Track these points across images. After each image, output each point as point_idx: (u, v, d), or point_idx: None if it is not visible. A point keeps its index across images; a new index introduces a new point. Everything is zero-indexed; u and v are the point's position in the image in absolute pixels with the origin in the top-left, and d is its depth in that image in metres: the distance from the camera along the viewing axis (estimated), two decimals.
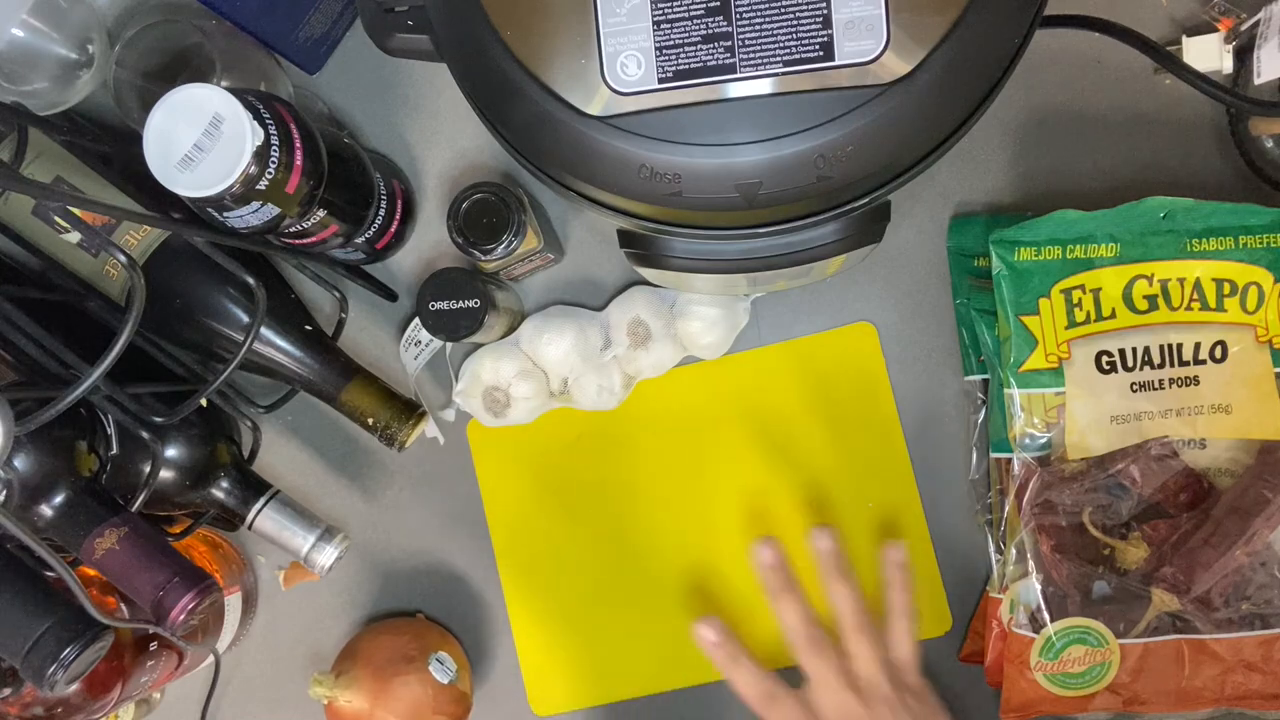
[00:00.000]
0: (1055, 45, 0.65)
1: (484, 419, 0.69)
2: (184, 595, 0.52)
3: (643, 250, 0.50)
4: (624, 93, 0.42)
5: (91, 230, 0.49)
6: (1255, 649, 0.59)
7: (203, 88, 0.48)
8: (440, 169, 0.70)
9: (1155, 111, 0.65)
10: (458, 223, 0.61)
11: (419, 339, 0.67)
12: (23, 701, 0.57)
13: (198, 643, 0.65)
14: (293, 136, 0.51)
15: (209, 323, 0.61)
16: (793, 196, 0.42)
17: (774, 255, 0.48)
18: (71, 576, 0.47)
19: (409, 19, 0.47)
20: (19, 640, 0.46)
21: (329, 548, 0.64)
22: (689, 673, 0.70)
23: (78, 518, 0.53)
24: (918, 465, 0.68)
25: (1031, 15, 0.42)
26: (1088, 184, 0.66)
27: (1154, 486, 0.60)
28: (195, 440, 0.63)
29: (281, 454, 0.72)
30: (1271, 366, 0.60)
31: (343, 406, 0.64)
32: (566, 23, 0.42)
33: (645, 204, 0.44)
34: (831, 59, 0.41)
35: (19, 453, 0.51)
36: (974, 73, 0.42)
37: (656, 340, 0.67)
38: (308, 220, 0.54)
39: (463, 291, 0.60)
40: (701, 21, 0.41)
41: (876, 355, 0.68)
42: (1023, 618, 0.61)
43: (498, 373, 0.67)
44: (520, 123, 0.44)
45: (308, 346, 0.64)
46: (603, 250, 0.69)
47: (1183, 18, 0.64)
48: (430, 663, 0.66)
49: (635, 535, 0.70)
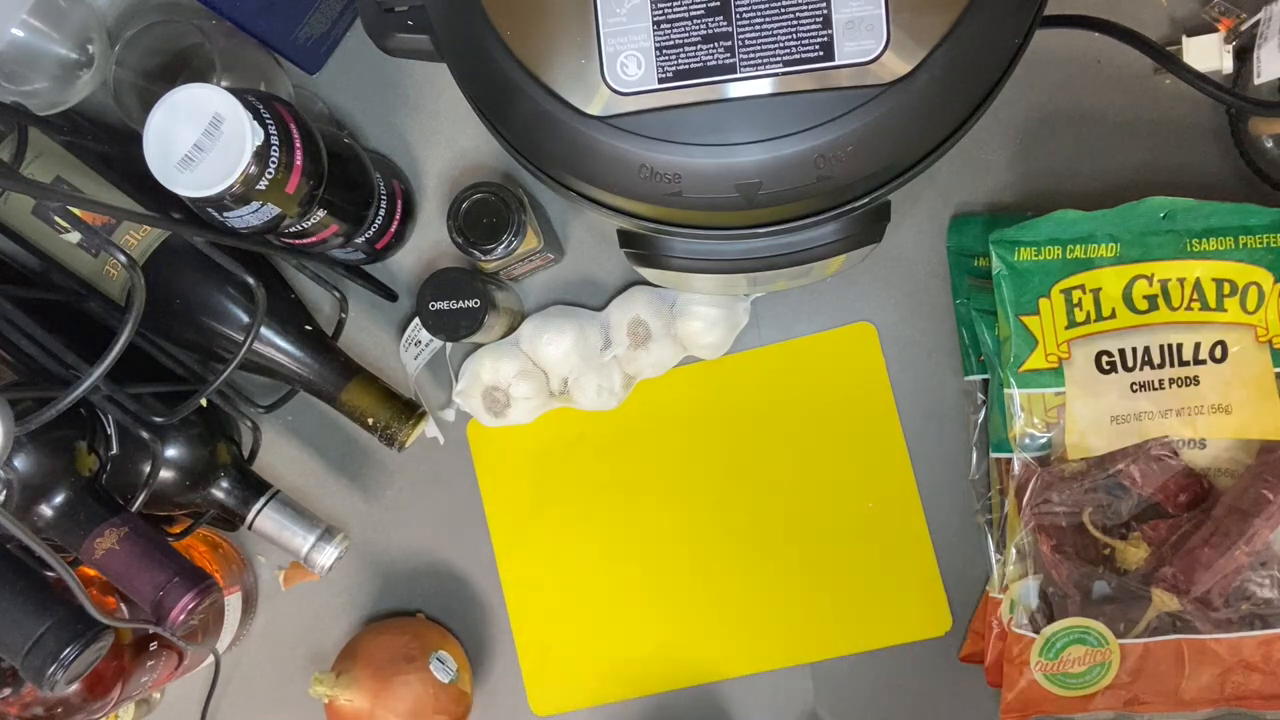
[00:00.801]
0: (1055, 45, 0.65)
1: (484, 419, 0.69)
2: (184, 595, 0.52)
3: (643, 250, 0.50)
4: (624, 93, 0.42)
5: (91, 230, 0.49)
6: (1255, 649, 0.59)
7: (203, 88, 0.48)
8: (440, 169, 0.70)
9: (1155, 111, 0.65)
10: (458, 223, 0.61)
11: (419, 339, 0.67)
12: (23, 701, 0.57)
13: (198, 643, 0.65)
14: (293, 136, 0.51)
15: (209, 323, 0.61)
16: (793, 196, 0.42)
17: (774, 255, 0.48)
18: (71, 576, 0.47)
19: (409, 19, 0.47)
20: (19, 640, 0.46)
21: (329, 548, 0.64)
22: (689, 673, 0.70)
23: (78, 518, 0.53)
24: (918, 465, 0.68)
25: (1031, 15, 0.42)
26: (1088, 184, 0.66)
27: (1154, 486, 0.60)
28: (195, 440, 0.63)
29: (281, 454, 0.72)
30: (1271, 366, 0.60)
31: (343, 406, 0.64)
32: (566, 23, 0.42)
33: (645, 204, 0.44)
34: (831, 59, 0.41)
35: (19, 453, 0.51)
36: (974, 73, 0.42)
37: (656, 340, 0.67)
38: (308, 220, 0.54)
39: (463, 291, 0.60)
40: (701, 21, 0.41)
41: (876, 355, 0.68)
42: (1023, 618, 0.61)
43: (498, 373, 0.67)
44: (520, 123, 0.44)
45: (308, 346, 0.64)
46: (603, 250, 0.69)
47: (1183, 18, 0.64)
48: (431, 662, 0.66)
49: (635, 535, 0.70)
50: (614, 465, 0.70)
